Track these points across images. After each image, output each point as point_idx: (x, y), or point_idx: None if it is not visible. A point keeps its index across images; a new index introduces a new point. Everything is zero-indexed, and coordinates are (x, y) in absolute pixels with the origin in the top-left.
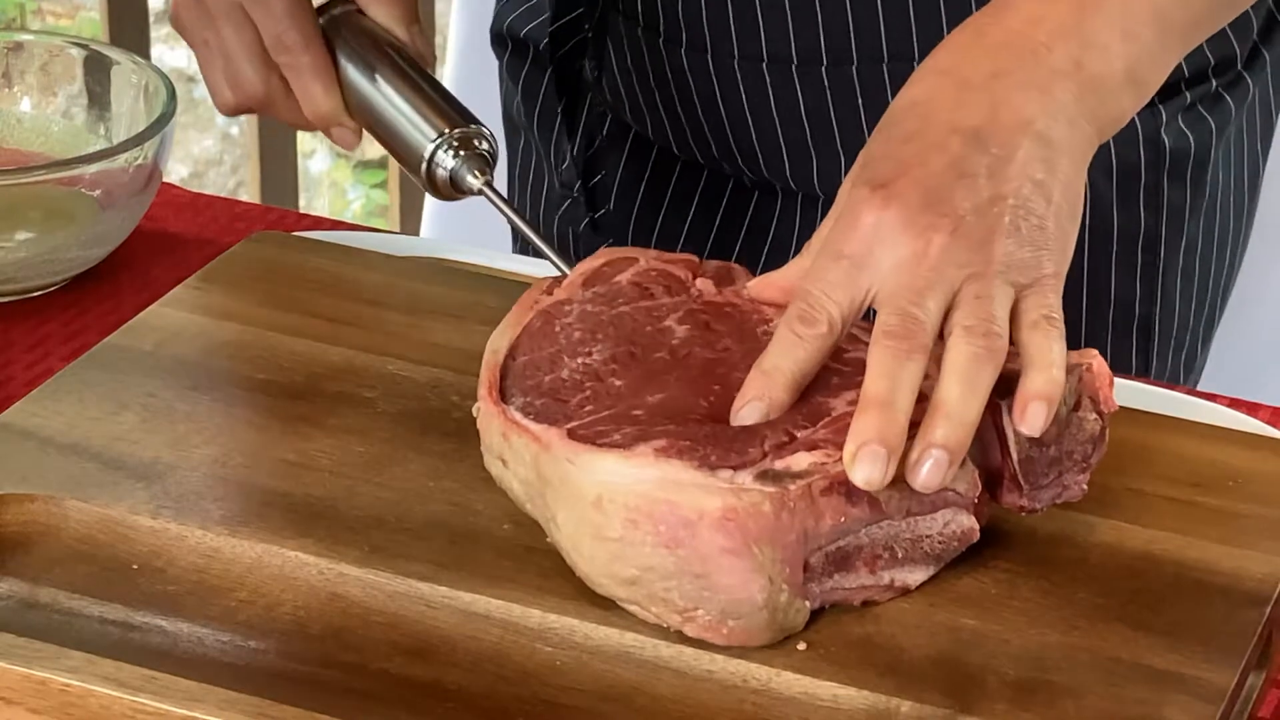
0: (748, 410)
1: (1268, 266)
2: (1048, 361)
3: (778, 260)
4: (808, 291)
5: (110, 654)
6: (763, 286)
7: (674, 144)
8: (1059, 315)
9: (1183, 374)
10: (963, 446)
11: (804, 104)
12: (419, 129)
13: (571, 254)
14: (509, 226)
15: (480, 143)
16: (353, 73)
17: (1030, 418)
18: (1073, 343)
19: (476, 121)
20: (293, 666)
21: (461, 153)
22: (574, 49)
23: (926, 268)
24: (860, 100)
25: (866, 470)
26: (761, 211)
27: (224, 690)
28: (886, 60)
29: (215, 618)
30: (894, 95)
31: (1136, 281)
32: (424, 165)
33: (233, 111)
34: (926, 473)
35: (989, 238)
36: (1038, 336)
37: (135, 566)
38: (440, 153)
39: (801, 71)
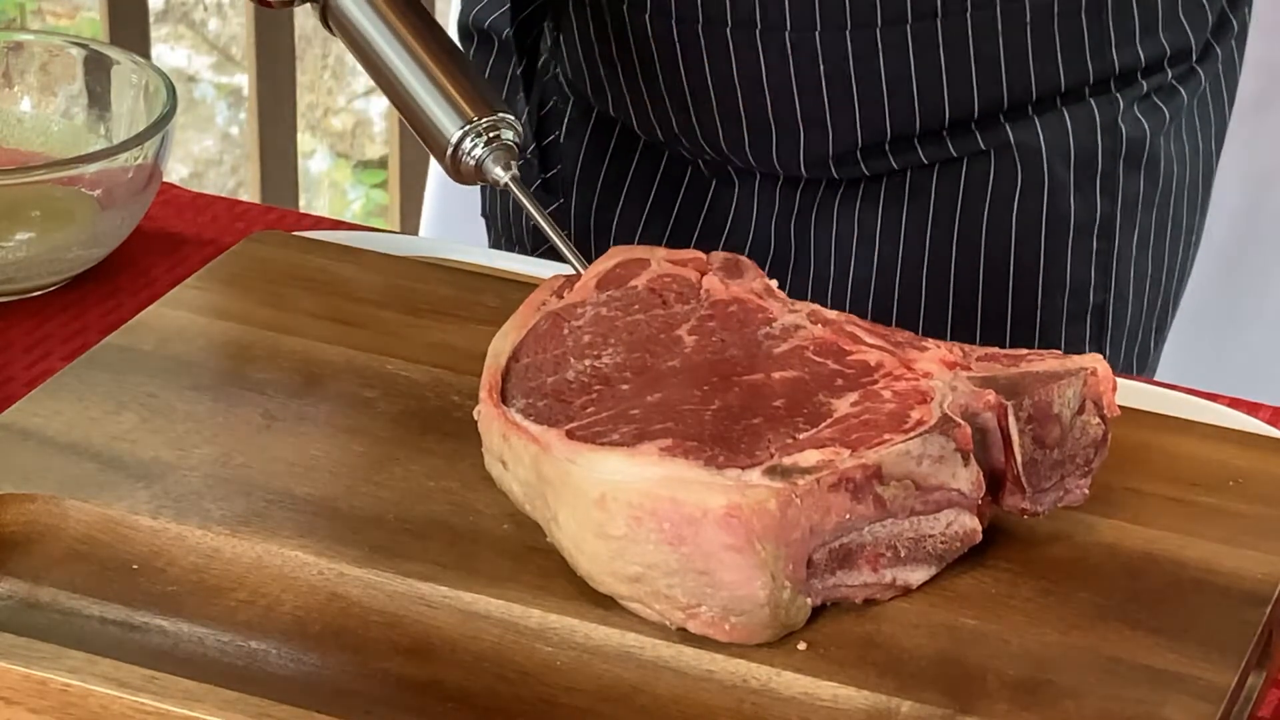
0: None
1: (1268, 267)
2: None
3: (736, 245)
4: None
5: (110, 654)
6: None
7: (634, 120)
8: None
9: (1135, 367)
10: None
11: (765, 72)
12: (447, 114)
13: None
14: (484, 226)
15: (507, 132)
16: (380, 42)
17: None
18: (1028, 329)
19: (504, 109)
20: (293, 666)
21: (490, 143)
22: (534, 15)
23: None
24: (822, 68)
25: None
26: (719, 198)
27: (224, 690)
28: (849, 28)
29: (215, 618)
30: (856, 64)
31: (1091, 269)
32: (449, 151)
33: None
34: None
35: None
36: None
37: (135, 566)
38: (467, 141)
39: (765, 37)
